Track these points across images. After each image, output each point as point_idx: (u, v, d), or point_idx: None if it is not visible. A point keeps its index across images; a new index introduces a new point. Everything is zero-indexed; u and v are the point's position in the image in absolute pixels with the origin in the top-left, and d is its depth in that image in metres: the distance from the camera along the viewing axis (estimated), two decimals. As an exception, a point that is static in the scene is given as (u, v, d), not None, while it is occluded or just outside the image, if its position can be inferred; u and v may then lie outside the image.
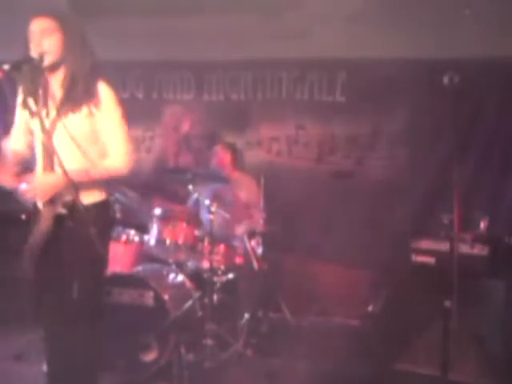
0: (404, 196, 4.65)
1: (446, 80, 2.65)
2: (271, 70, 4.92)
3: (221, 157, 4.53)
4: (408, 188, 4.66)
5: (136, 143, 5.05)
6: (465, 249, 3.55)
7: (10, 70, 2.28)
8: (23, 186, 2.44)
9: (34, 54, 2.41)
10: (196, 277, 3.94)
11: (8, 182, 2.50)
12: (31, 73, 2.43)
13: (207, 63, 4.94)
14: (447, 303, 2.75)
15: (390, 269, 4.23)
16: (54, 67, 2.47)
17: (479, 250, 3.60)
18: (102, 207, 2.64)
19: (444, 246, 3.35)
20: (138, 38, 4.67)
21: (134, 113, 4.77)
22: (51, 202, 2.48)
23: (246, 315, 4.01)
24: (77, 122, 2.47)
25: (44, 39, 2.42)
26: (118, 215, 4.14)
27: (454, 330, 2.89)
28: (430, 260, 3.69)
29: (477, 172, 4.51)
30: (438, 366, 2.95)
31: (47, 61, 2.42)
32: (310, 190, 4.75)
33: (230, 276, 4.03)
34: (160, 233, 3.88)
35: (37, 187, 2.41)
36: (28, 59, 2.38)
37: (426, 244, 3.76)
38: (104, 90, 2.51)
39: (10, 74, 2.31)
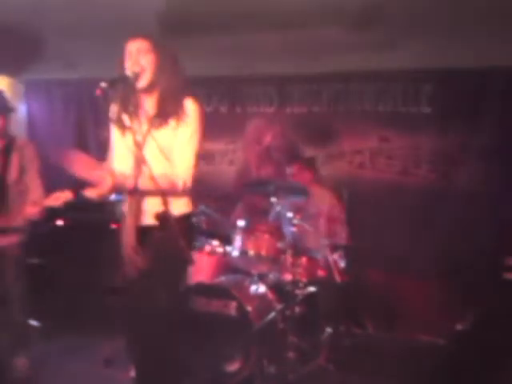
0: (494, 212, 4.44)
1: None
2: (354, 82, 4.87)
3: (300, 173, 4.53)
4: (498, 203, 4.45)
5: (219, 156, 5.17)
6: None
7: (107, 88, 2.41)
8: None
9: (128, 72, 2.54)
10: (278, 289, 3.93)
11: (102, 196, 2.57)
12: (126, 90, 2.57)
13: (290, 76, 4.97)
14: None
15: (480, 286, 4.06)
16: (147, 85, 2.58)
17: None
18: (189, 218, 2.73)
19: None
20: (222, 54, 4.79)
21: (218, 126, 4.95)
22: (141, 213, 2.59)
23: (328, 329, 3.97)
24: (165, 135, 2.58)
25: (139, 59, 2.54)
26: (203, 226, 4.25)
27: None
28: (524, 278, 3.50)
29: None
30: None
31: (141, 79, 2.54)
32: (394, 203, 4.66)
33: (312, 289, 4.00)
34: (243, 244, 3.92)
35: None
36: (124, 77, 2.51)
37: (519, 261, 3.58)
38: (190, 106, 2.60)
39: (106, 92, 2.45)
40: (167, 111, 2.57)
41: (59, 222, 4.76)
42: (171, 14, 4.17)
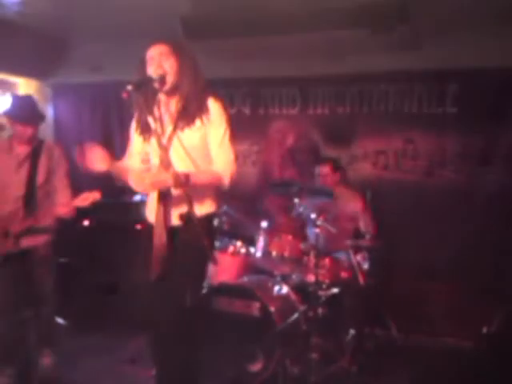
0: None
1: None
2: (377, 83, 4.84)
3: (322, 171, 4.52)
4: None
5: (242, 157, 5.19)
6: None
7: (133, 91, 2.45)
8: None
9: (153, 75, 2.58)
10: (300, 290, 3.94)
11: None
12: (150, 92, 2.61)
13: (313, 78, 4.96)
14: None
15: (506, 288, 3.99)
16: (170, 87, 2.61)
17: None
18: (212, 219, 2.76)
19: None
20: (245, 56, 4.81)
21: (241, 128, 4.96)
22: (166, 214, 2.62)
23: (352, 331, 3.96)
24: (190, 136, 2.61)
25: (162, 63, 2.58)
26: (226, 227, 4.28)
27: None
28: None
29: None
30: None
31: (165, 81, 2.57)
32: (418, 204, 4.62)
33: (335, 290, 3.99)
34: (266, 245, 3.94)
35: (148, 177, 2.51)
36: (149, 79, 2.55)
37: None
38: (213, 106, 2.63)
39: (132, 95, 2.49)
40: (191, 112, 2.60)
41: (86, 223, 4.84)
42: (195, 17, 4.21)
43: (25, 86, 5.60)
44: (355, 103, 4.91)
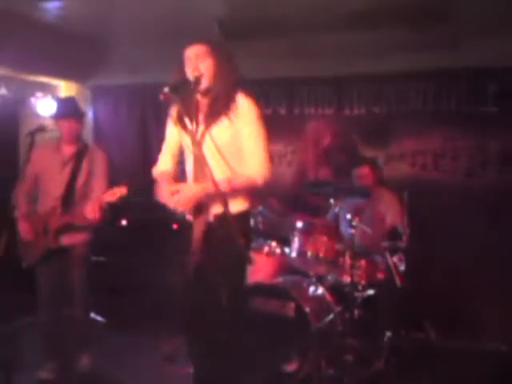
0: None
1: None
2: (415, 81, 4.77)
3: (362, 172, 4.47)
4: None
5: (278, 157, 5.19)
6: None
7: (170, 93, 2.48)
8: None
9: (189, 76, 2.61)
10: (336, 291, 3.92)
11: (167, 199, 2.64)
12: (187, 94, 2.63)
13: (349, 77, 4.92)
14: None
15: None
16: (206, 89, 2.63)
17: None
18: (246, 217, 2.75)
19: None
20: (281, 56, 4.81)
21: (277, 128, 4.95)
22: (202, 212, 2.64)
23: (388, 333, 3.91)
24: (221, 133, 2.62)
25: (198, 64, 2.60)
26: (261, 227, 4.29)
27: None
28: None
29: None
30: None
31: (202, 82, 2.60)
32: (458, 205, 4.53)
33: (371, 292, 3.95)
34: (301, 245, 3.93)
35: (180, 198, 2.54)
36: (185, 81, 2.57)
37: None
38: (243, 102, 2.62)
39: (169, 96, 2.52)
40: (218, 108, 2.60)
41: (123, 222, 4.93)
42: (230, 18, 4.24)
43: (66, 88, 5.74)
44: (392, 102, 4.85)
